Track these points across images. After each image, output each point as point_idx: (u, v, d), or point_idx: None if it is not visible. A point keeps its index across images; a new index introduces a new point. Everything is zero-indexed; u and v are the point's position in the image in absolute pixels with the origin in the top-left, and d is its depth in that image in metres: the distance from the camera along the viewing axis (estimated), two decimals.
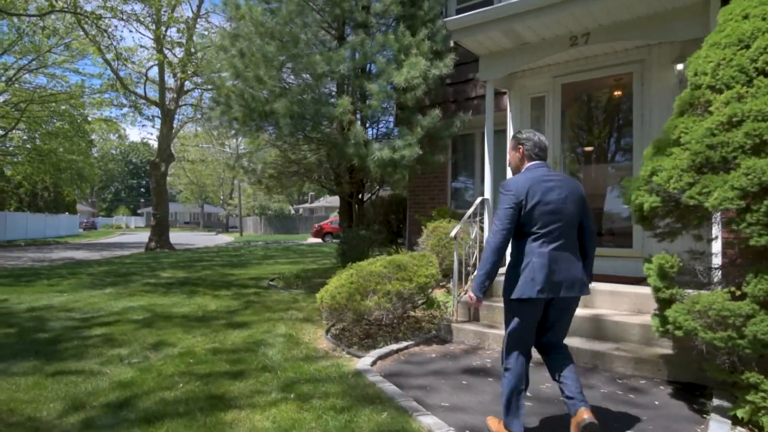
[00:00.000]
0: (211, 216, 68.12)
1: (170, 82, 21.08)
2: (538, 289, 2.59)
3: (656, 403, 3.40)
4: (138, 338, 5.16)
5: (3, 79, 24.50)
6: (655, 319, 3.37)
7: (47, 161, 26.65)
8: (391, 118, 9.29)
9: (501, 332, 4.37)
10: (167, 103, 20.35)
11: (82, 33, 19.74)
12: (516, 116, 6.34)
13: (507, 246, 2.73)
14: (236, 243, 29.09)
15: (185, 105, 23.11)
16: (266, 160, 8.63)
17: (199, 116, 25.71)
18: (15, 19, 20.30)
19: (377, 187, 9.75)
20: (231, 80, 7.66)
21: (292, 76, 7.96)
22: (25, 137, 27.57)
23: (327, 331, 5.38)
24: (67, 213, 40.78)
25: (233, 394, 3.50)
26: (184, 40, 19.08)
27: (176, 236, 29.75)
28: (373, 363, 4.23)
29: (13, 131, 26.25)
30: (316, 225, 28.92)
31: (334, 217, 33.11)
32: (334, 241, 27.35)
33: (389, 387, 3.55)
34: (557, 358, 2.82)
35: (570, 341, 4.28)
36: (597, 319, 4.40)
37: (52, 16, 17.92)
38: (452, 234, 5.03)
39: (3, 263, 14.70)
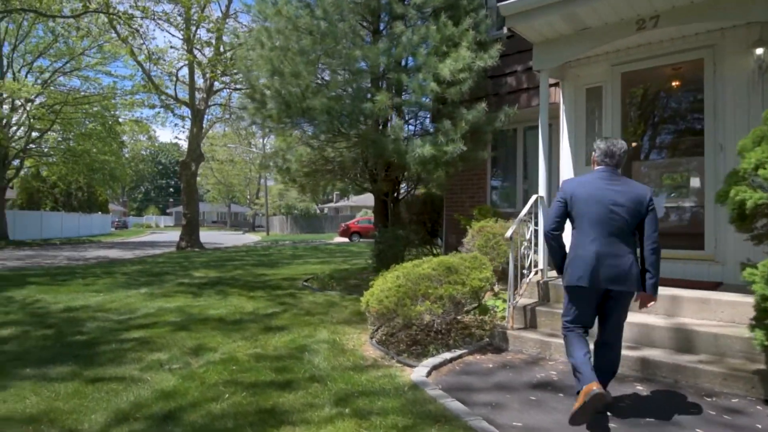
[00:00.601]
0: (238, 215, 68.90)
1: (199, 82, 21.23)
2: (578, 276, 2.95)
3: (758, 426, 2.99)
4: (177, 342, 4.97)
5: (39, 81, 25.12)
6: (759, 332, 2.97)
7: (81, 162, 27.22)
8: (427, 114, 8.95)
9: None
10: (197, 103, 20.45)
11: (114, 35, 20.04)
12: (569, 108, 5.93)
13: (557, 236, 3.16)
14: (264, 242, 29.17)
15: (214, 105, 23.22)
16: (300, 158, 8.40)
17: (228, 116, 25.90)
18: (50, 22, 20.74)
19: (413, 185, 9.43)
20: (266, 76, 7.44)
21: (327, 72, 7.70)
22: (59, 138, 28.21)
23: (371, 337, 5.10)
24: (99, 212, 41.73)
25: (284, 408, 3.24)
26: (213, 40, 19.16)
27: (205, 235, 29.99)
28: (428, 374, 3.92)
29: (48, 132, 26.88)
30: (343, 224, 28.75)
31: (361, 216, 32.95)
32: (361, 240, 27.15)
33: (453, 404, 3.23)
34: (600, 354, 3.13)
35: (648, 353, 3.89)
36: (677, 328, 3.98)
37: (85, 19, 18.20)
38: (508, 234, 4.67)
39: (40, 262, 14.93)
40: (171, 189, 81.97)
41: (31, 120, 24.88)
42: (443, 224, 9.76)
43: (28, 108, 24.55)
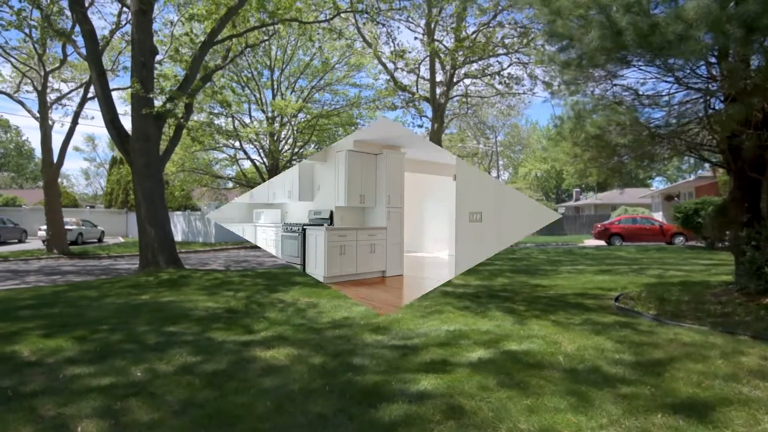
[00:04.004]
0: None
1: (438, 77, 20.27)
2: None
3: None
4: (502, 414, 2.86)
5: (299, 99, 28.10)
6: None
7: None
8: None
9: None
10: (437, 96, 19.42)
11: (358, 45, 20.58)
12: None
13: None
14: None
15: (452, 98, 21.98)
16: (619, 121, 5.66)
17: (465, 111, 24.63)
18: (309, 42, 22.54)
19: None
20: None
21: None
22: (314, 150, 31.27)
23: None
24: None
25: None
26: (453, 24, 17.83)
27: None
28: None
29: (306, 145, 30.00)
30: (599, 225, 24.22)
31: (620, 215, 27.75)
32: (624, 244, 22.36)
33: None
34: None
35: None
36: None
37: (334, 34, 18.86)
38: None
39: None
40: None
41: (295, 133, 27.96)
42: None
43: (292, 123, 27.68)
